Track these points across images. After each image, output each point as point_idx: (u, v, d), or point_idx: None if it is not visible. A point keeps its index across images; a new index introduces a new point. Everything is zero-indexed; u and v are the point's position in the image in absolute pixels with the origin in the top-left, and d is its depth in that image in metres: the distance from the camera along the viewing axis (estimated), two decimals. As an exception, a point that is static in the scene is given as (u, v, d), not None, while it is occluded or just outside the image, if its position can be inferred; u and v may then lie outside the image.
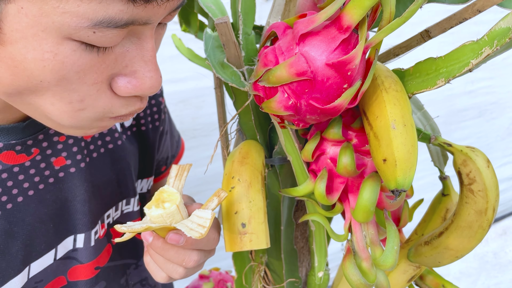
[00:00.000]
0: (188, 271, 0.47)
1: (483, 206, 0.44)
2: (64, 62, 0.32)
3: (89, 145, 0.56)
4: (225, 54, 0.43)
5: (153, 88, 0.38)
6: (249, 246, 0.42)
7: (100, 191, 0.57)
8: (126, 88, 0.37)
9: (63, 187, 0.52)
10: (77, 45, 0.31)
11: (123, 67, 0.36)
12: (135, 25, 0.33)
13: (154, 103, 0.69)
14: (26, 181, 0.48)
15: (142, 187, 0.70)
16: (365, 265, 0.41)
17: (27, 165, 0.48)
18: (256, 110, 0.48)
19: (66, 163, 0.52)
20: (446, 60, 0.36)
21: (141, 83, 0.37)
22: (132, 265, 0.66)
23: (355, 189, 0.42)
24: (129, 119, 0.43)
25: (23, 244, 0.48)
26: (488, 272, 2.18)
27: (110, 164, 0.58)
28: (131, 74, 0.37)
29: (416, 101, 0.51)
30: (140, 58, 0.36)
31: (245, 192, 0.44)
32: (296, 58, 0.34)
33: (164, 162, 0.79)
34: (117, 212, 0.61)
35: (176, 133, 0.83)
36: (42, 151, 0.50)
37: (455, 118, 2.20)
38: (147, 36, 0.36)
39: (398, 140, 0.35)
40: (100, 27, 0.30)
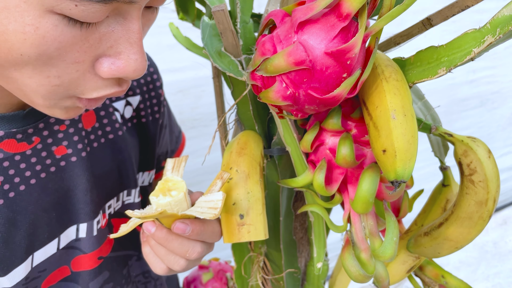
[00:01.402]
0: (189, 263, 0.47)
1: (483, 197, 0.43)
2: (45, 37, 0.31)
3: (90, 134, 0.56)
4: (223, 43, 0.42)
5: (137, 71, 0.37)
6: (247, 237, 0.42)
7: (101, 181, 0.56)
8: (110, 69, 0.36)
9: (65, 176, 0.52)
10: (59, 19, 0.31)
11: (108, 48, 0.36)
12: (120, 3, 0.32)
13: (154, 95, 0.68)
14: (28, 169, 0.48)
15: (144, 180, 0.70)
16: (364, 256, 0.40)
17: (28, 153, 0.48)
18: (254, 100, 0.47)
19: (67, 152, 0.52)
20: (448, 48, 0.35)
21: (126, 65, 0.37)
22: (133, 256, 0.66)
23: (354, 180, 0.42)
24: (96, 106, 0.42)
25: (26, 233, 0.48)
26: (488, 262, 2.19)
27: (111, 155, 0.58)
28: (116, 55, 0.36)
29: (416, 90, 0.50)
30: (125, 40, 0.36)
31: (243, 183, 0.43)
32: (295, 47, 0.33)
33: (164, 157, 0.79)
34: (118, 203, 0.61)
35: (177, 128, 0.83)
36: (43, 140, 0.49)
37: (456, 107, 2.19)
38: (133, 17, 0.35)
39: (398, 130, 0.34)
40: (81, 0, 0.30)
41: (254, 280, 0.70)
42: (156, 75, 0.70)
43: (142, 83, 0.67)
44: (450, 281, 0.55)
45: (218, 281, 0.82)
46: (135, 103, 0.65)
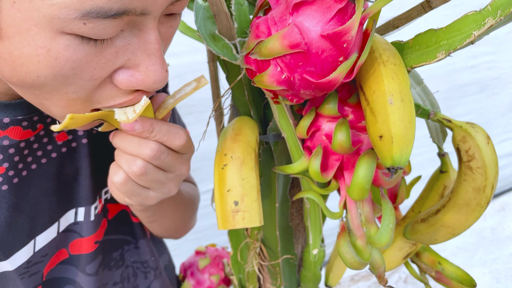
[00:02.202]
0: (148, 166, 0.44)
1: (481, 184, 0.43)
2: (57, 58, 0.32)
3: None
4: (217, 26, 0.41)
5: (157, 83, 0.37)
6: (241, 224, 0.41)
7: (101, 167, 0.57)
8: (129, 81, 0.36)
9: (66, 161, 0.52)
10: (70, 39, 0.31)
11: (126, 60, 0.35)
12: (131, 16, 0.32)
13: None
14: (30, 155, 0.48)
15: None
16: (359, 243, 0.40)
17: (32, 140, 0.48)
18: (249, 85, 0.46)
19: (68, 138, 0.52)
20: (447, 31, 0.34)
21: (145, 77, 0.36)
22: (131, 243, 0.66)
23: (350, 167, 0.41)
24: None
25: (28, 217, 0.48)
26: (485, 248, 2.20)
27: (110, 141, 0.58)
28: (134, 67, 0.36)
29: (415, 75, 0.50)
30: (143, 51, 0.35)
31: (238, 169, 0.42)
32: (289, 29, 0.32)
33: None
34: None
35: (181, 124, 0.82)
36: (45, 126, 0.50)
37: (456, 93, 2.18)
38: (149, 28, 0.35)
39: (395, 116, 0.33)
40: (89, 18, 0.30)
41: (250, 266, 0.70)
42: None
43: None
44: (446, 268, 0.54)
45: (215, 267, 0.82)
46: None
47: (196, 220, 0.83)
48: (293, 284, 0.71)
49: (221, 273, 0.82)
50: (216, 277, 0.81)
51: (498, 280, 2.01)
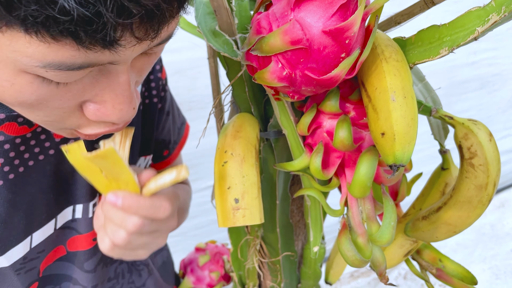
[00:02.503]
0: (132, 237, 0.44)
1: (483, 181, 0.42)
2: (21, 91, 0.32)
3: None
4: (217, 21, 0.41)
5: (122, 119, 0.38)
6: (242, 221, 0.41)
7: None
8: (95, 115, 0.37)
9: (63, 158, 0.51)
10: (33, 78, 0.31)
11: (93, 95, 0.35)
12: (99, 66, 0.32)
13: (152, 79, 0.67)
14: (27, 151, 0.48)
15: (140, 165, 0.69)
16: (360, 240, 0.40)
17: (28, 136, 0.48)
18: (250, 82, 0.46)
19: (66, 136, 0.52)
20: (451, 27, 0.34)
21: (111, 113, 0.37)
22: None
23: (352, 164, 0.41)
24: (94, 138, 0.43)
25: (24, 214, 0.49)
26: (485, 244, 2.20)
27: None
28: (101, 103, 0.36)
29: (417, 72, 0.49)
30: (111, 90, 0.35)
31: (238, 166, 0.42)
32: (291, 25, 0.31)
33: (166, 146, 0.77)
34: None
35: (180, 119, 0.81)
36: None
37: (457, 90, 2.17)
38: (119, 72, 0.35)
39: (397, 113, 0.33)
40: (51, 68, 0.29)
41: (250, 263, 0.69)
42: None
43: None
44: (447, 265, 0.54)
45: (215, 264, 0.82)
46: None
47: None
48: (293, 281, 0.71)
49: (221, 270, 0.82)
50: (216, 274, 0.81)
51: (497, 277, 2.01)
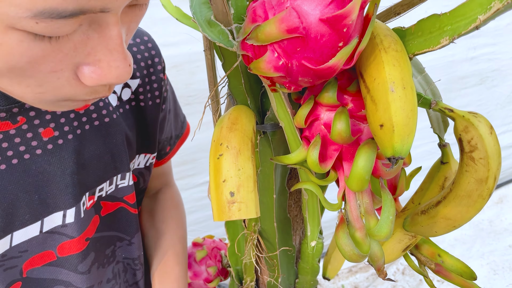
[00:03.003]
0: None
1: (484, 175, 0.41)
2: (10, 53, 0.30)
3: (82, 117, 0.54)
4: (212, 11, 0.40)
5: (120, 78, 0.36)
6: (237, 215, 0.40)
7: (92, 164, 0.55)
8: (91, 78, 0.35)
9: (52, 160, 0.50)
10: (23, 35, 0.29)
11: (85, 56, 0.34)
12: (89, 14, 0.30)
13: (154, 79, 0.67)
14: (10, 149, 0.47)
15: (140, 162, 0.68)
16: (358, 235, 0.39)
17: (12, 133, 0.47)
18: (246, 73, 0.45)
19: (54, 135, 0.51)
20: (452, 16, 0.33)
21: (107, 73, 0.35)
22: (124, 240, 0.65)
23: (349, 157, 0.40)
24: (92, 102, 0.42)
25: (4, 212, 0.47)
26: (483, 240, 2.20)
27: (103, 138, 0.57)
28: (95, 63, 0.34)
29: (417, 63, 0.48)
30: (103, 47, 0.34)
31: (234, 159, 0.41)
32: (287, 13, 0.31)
33: (168, 142, 0.77)
34: (111, 186, 0.60)
35: (182, 113, 0.82)
36: (29, 120, 0.48)
37: (456, 85, 2.16)
38: (110, 23, 0.33)
39: (396, 104, 0.32)
40: (42, 18, 0.28)
41: (247, 258, 0.69)
42: (158, 58, 0.67)
43: (142, 66, 0.65)
44: (446, 260, 0.54)
45: (212, 259, 0.82)
46: (134, 86, 0.63)
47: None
48: (291, 276, 0.71)
49: (218, 264, 0.81)
50: (213, 269, 0.81)
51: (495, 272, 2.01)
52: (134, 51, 0.64)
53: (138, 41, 0.65)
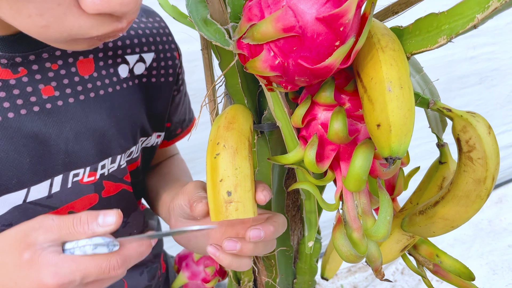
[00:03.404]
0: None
1: (482, 175, 0.41)
2: None
3: (87, 82, 0.52)
4: (209, 10, 0.40)
5: (125, 4, 0.33)
6: (234, 215, 0.40)
7: (94, 136, 0.53)
8: (93, 4, 0.32)
9: (48, 120, 0.48)
10: None
11: None
12: None
13: (169, 56, 0.65)
14: (7, 100, 0.44)
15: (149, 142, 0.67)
16: (356, 235, 0.39)
17: (12, 83, 0.44)
18: (243, 72, 0.45)
19: (55, 94, 0.48)
20: (449, 15, 0.32)
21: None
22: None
23: (347, 157, 0.40)
24: (109, 40, 0.39)
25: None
26: (482, 239, 2.20)
27: (109, 109, 0.55)
28: None
29: (415, 63, 0.48)
30: None
31: (231, 159, 0.41)
32: (283, 12, 0.30)
33: (180, 125, 0.76)
34: (113, 165, 0.58)
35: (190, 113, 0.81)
36: (30, 73, 0.46)
37: (455, 85, 2.16)
38: None
39: (393, 104, 0.32)
40: None
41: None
42: (171, 37, 0.67)
43: (158, 41, 0.63)
44: (444, 260, 0.53)
45: (210, 259, 0.81)
46: (149, 61, 0.62)
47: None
48: (289, 276, 0.70)
49: (216, 264, 0.81)
50: (211, 269, 0.81)
51: (494, 272, 2.01)
52: (149, 26, 0.63)
53: (151, 20, 0.65)
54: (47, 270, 0.37)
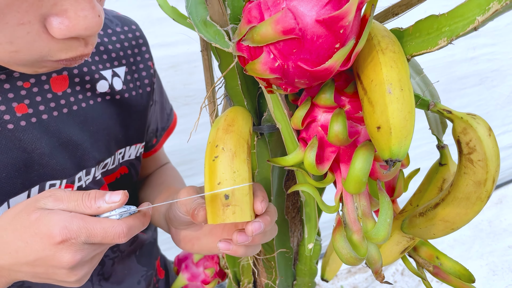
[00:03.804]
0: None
1: (482, 177, 0.41)
2: None
3: (60, 99, 0.53)
4: (208, 11, 0.40)
5: (89, 29, 0.35)
6: (232, 218, 0.40)
7: (67, 150, 0.54)
8: (60, 29, 0.34)
9: (23, 137, 0.49)
10: None
11: (52, 5, 0.33)
12: None
13: (142, 68, 0.66)
14: None
15: (130, 154, 0.68)
16: (356, 238, 0.39)
17: None
18: (242, 74, 0.44)
19: (28, 112, 0.50)
20: (450, 17, 0.32)
21: (75, 24, 0.34)
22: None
23: (347, 159, 0.40)
24: (75, 64, 0.41)
25: None
26: (482, 240, 2.20)
27: (81, 124, 0.56)
28: (62, 13, 0.34)
29: (415, 65, 0.48)
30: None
31: (229, 162, 0.41)
32: (283, 14, 0.30)
33: (154, 135, 0.76)
34: (88, 177, 0.59)
35: (168, 105, 0.80)
36: (3, 93, 0.47)
37: (455, 85, 2.16)
38: None
39: (393, 106, 0.32)
40: None
41: (245, 260, 0.68)
42: (145, 47, 0.67)
43: (129, 53, 0.64)
44: (444, 262, 0.53)
45: (209, 260, 0.81)
46: (122, 74, 0.63)
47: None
48: (289, 277, 0.70)
49: (216, 266, 0.81)
50: (210, 271, 0.80)
51: (494, 273, 2.01)
52: (121, 38, 0.63)
53: (126, 29, 0.65)
54: (56, 225, 0.40)
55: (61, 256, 0.40)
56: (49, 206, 0.42)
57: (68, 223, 0.40)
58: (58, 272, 0.42)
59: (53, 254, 0.40)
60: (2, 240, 0.42)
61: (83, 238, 0.40)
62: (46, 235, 0.40)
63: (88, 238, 0.41)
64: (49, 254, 0.40)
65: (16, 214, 0.42)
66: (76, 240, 0.40)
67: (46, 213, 0.41)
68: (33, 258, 0.41)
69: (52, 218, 0.40)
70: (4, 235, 0.42)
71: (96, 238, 0.41)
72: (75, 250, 0.41)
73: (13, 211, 0.43)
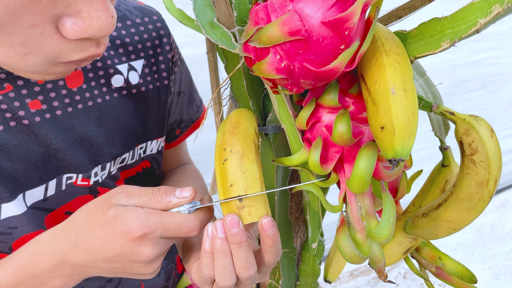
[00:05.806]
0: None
1: (484, 178, 0.42)
2: None
3: (75, 95, 0.54)
4: (215, 13, 0.40)
5: (103, 30, 0.35)
6: (249, 219, 0.41)
7: (82, 146, 0.55)
8: (73, 30, 0.34)
9: (39, 132, 0.50)
10: None
11: (65, 6, 0.33)
12: None
13: (162, 60, 0.65)
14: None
15: (152, 148, 0.68)
16: (359, 237, 0.39)
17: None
18: (248, 75, 0.45)
19: (42, 108, 0.50)
20: (452, 20, 0.33)
21: (88, 24, 0.34)
22: None
23: (351, 159, 0.40)
24: (85, 64, 0.41)
25: None
26: (485, 244, 2.19)
27: (97, 120, 0.56)
28: (75, 14, 0.34)
29: (418, 67, 0.48)
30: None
31: (239, 163, 0.42)
32: (289, 16, 0.31)
33: (178, 126, 0.76)
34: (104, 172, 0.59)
35: (198, 97, 0.80)
36: (16, 89, 0.48)
37: (458, 89, 2.16)
38: None
39: (397, 106, 0.32)
40: None
41: (249, 260, 0.69)
42: (166, 38, 0.66)
43: (148, 46, 0.63)
44: (447, 263, 0.54)
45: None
46: (139, 68, 0.62)
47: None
48: (292, 278, 0.71)
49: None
50: (214, 271, 0.81)
51: (497, 277, 2.00)
52: (141, 30, 0.62)
53: (147, 20, 0.64)
54: (134, 221, 0.41)
55: (140, 251, 0.42)
56: (122, 202, 0.43)
57: (144, 219, 0.42)
58: (136, 266, 0.44)
59: (132, 249, 0.42)
60: (78, 239, 0.43)
61: (159, 232, 0.42)
62: (124, 232, 0.41)
63: (164, 232, 0.42)
64: (128, 250, 0.42)
65: (90, 212, 0.44)
66: (153, 235, 0.42)
67: (121, 210, 0.42)
68: (112, 254, 0.42)
69: (128, 215, 0.42)
70: (80, 234, 0.43)
71: (171, 232, 0.42)
72: (153, 245, 0.42)
73: (86, 209, 0.44)
